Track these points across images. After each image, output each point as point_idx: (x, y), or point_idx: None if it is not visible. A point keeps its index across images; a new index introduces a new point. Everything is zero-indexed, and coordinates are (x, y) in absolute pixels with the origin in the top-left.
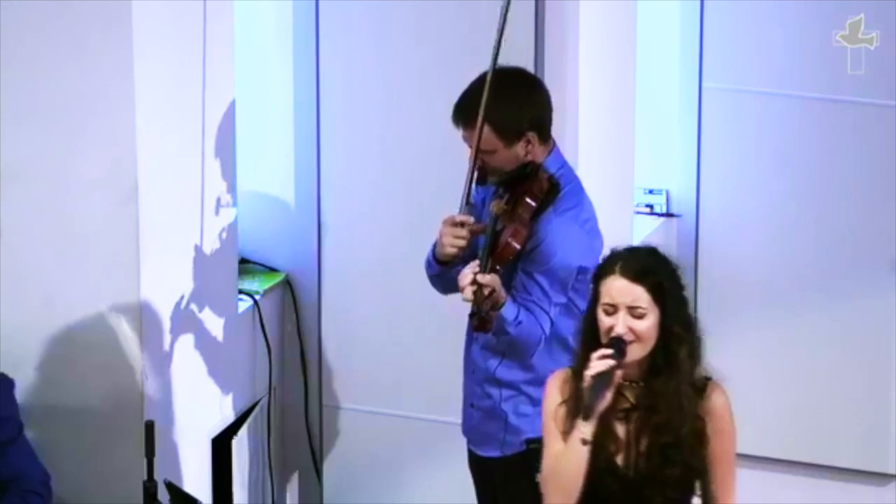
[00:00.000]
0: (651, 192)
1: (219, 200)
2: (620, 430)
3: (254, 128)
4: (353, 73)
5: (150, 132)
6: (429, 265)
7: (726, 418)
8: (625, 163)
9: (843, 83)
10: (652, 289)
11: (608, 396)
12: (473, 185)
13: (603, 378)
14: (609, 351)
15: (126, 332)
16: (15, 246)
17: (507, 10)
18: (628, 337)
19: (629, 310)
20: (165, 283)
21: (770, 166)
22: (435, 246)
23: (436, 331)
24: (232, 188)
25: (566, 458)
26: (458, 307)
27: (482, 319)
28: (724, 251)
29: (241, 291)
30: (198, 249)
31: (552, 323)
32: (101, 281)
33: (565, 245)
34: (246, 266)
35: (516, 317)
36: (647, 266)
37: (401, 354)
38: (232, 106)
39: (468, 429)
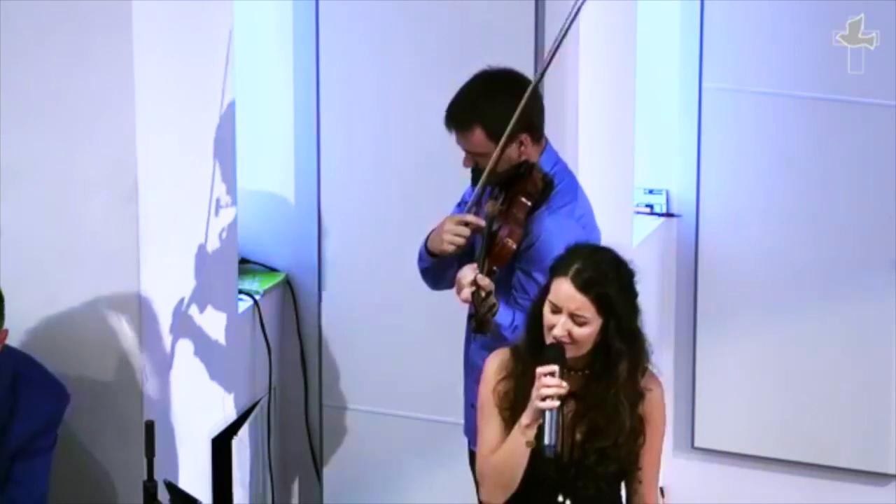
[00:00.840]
0: (651, 192)
1: (219, 200)
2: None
3: (254, 128)
4: (353, 74)
5: (150, 132)
6: (421, 258)
7: (660, 412)
8: (625, 163)
9: (843, 83)
10: (598, 300)
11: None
12: (478, 188)
13: (557, 399)
14: (553, 368)
15: (126, 332)
16: (15, 246)
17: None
18: (565, 339)
19: (571, 316)
20: (165, 283)
21: (770, 166)
22: (427, 239)
23: (436, 331)
24: (232, 188)
25: (508, 456)
26: (457, 307)
27: (480, 321)
28: (724, 251)
29: (241, 291)
30: (198, 249)
31: None
32: (101, 281)
33: (561, 241)
34: (246, 266)
35: (512, 321)
36: (598, 276)
37: (401, 354)
38: (232, 106)
39: (469, 429)
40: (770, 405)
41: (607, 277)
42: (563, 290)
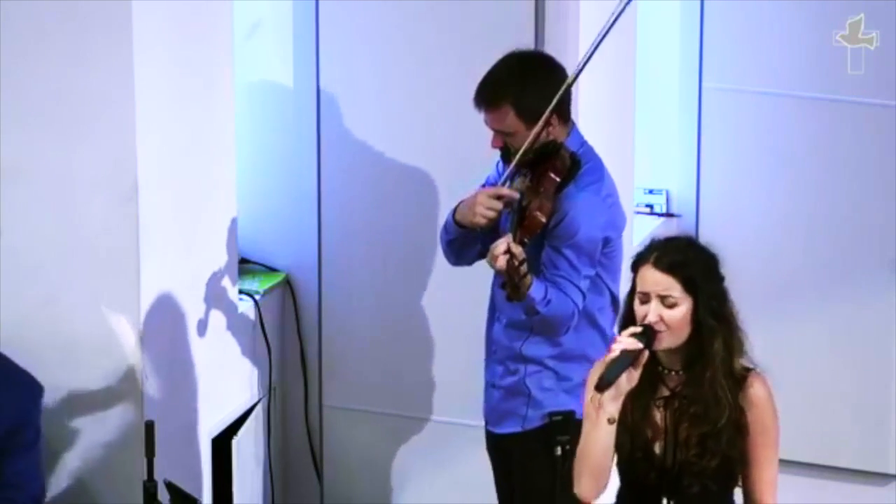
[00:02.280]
0: (651, 192)
1: (219, 200)
2: (658, 417)
3: (254, 128)
4: (353, 74)
5: (150, 132)
6: (445, 230)
7: (765, 410)
8: (625, 163)
9: (843, 83)
10: (683, 279)
11: (635, 377)
12: (501, 166)
13: (626, 356)
14: (638, 329)
15: (126, 332)
16: (15, 246)
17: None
18: (659, 326)
19: (660, 299)
20: (165, 283)
21: (770, 166)
22: (455, 211)
23: (436, 331)
24: (232, 188)
25: (593, 438)
26: (457, 307)
27: (515, 286)
28: (724, 251)
29: (241, 291)
30: (198, 249)
31: (584, 296)
32: (101, 281)
33: (589, 218)
34: (246, 266)
35: (545, 296)
36: (681, 257)
37: (401, 354)
38: (232, 106)
39: (488, 409)
40: None
41: (688, 257)
42: (648, 276)
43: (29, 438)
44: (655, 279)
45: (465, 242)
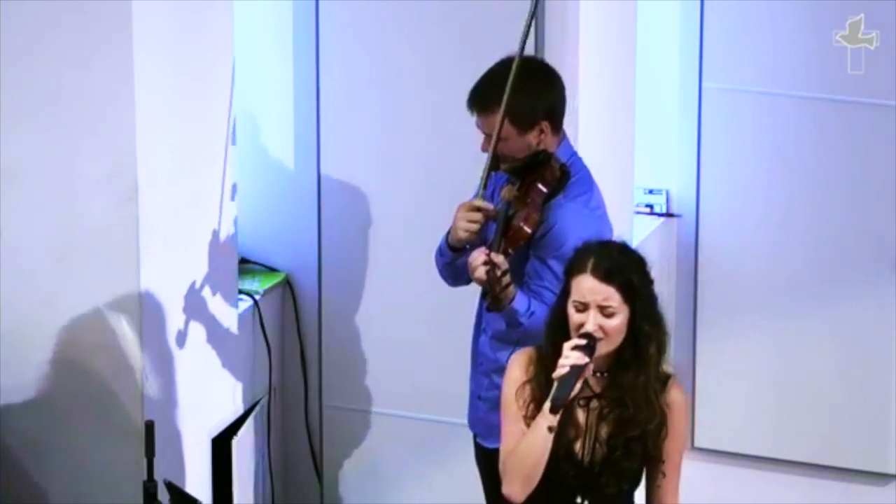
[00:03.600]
0: (651, 192)
1: (219, 200)
2: (580, 416)
3: (254, 127)
4: (353, 74)
5: (150, 132)
6: (440, 253)
7: (681, 414)
8: (625, 163)
9: (843, 83)
10: (622, 288)
11: (577, 388)
12: (486, 165)
13: (575, 371)
14: (582, 342)
15: (126, 332)
16: (15, 246)
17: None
18: (598, 334)
19: (600, 308)
20: (165, 283)
21: (770, 166)
22: (448, 234)
23: (436, 330)
24: (232, 188)
25: (530, 444)
26: (457, 307)
27: (496, 297)
28: (724, 251)
29: (241, 291)
30: (198, 249)
31: None
32: (101, 281)
33: (577, 229)
34: (246, 266)
35: (528, 308)
36: (618, 265)
37: (401, 354)
38: (232, 106)
39: (475, 421)
40: (770, 405)
41: (625, 265)
42: (586, 285)
43: None
44: (593, 288)
45: (459, 265)
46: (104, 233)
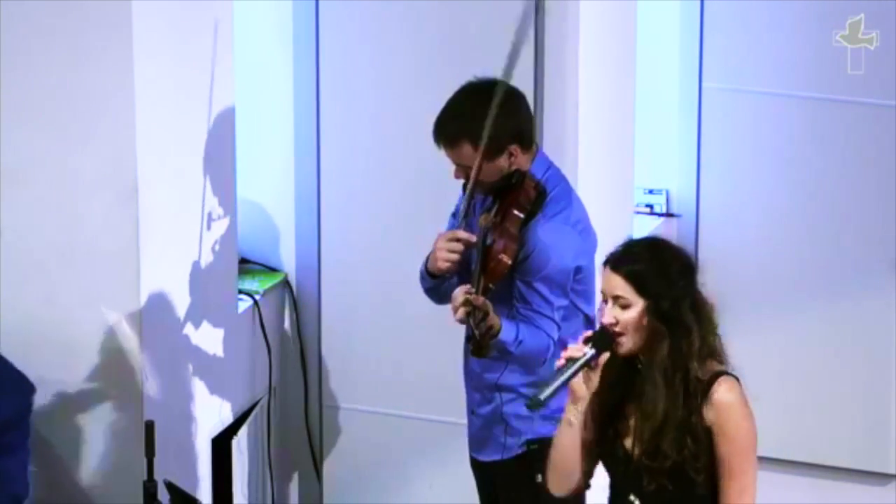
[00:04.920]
0: (651, 192)
1: (219, 200)
2: (631, 412)
3: (254, 128)
4: (353, 74)
5: (150, 132)
6: (422, 278)
7: (729, 415)
8: (625, 163)
9: (843, 83)
10: (634, 281)
11: (594, 381)
12: (464, 200)
13: (570, 365)
14: (589, 332)
15: (126, 332)
16: (15, 246)
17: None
18: (614, 327)
19: (614, 299)
20: (165, 283)
21: (770, 166)
22: (427, 259)
23: (436, 331)
24: (232, 188)
25: (557, 440)
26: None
27: (478, 344)
28: (724, 251)
29: (241, 291)
30: (198, 249)
31: (559, 327)
32: (101, 281)
33: (558, 249)
34: (246, 266)
35: (516, 337)
36: (630, 255)
37: (401, 354)
38: (232, 106)
39: (469, 436)
40: (770, 405)
41: (640, 257)
42: (605, 277)
43: (18, 438)
44: (609, 280)
45: (441, 289)
46: (104, 233)
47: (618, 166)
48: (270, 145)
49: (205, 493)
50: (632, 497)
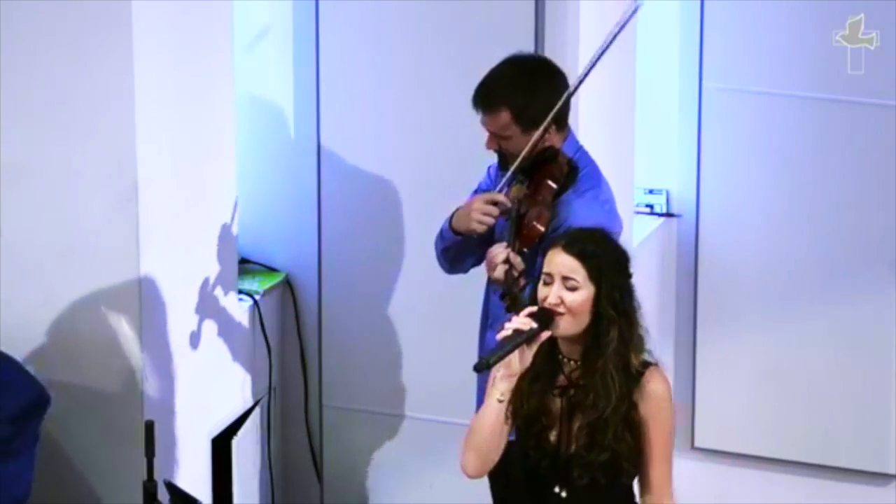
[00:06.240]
0: (651, 192)
1: (219, 200)
2: (555, 406)
3: (254, 128)
4: (353, 74)
5: (150, 132)
6: (441, 237)
7: (661, 404)
8: (625, 163)
9: (843, 83)
10: (589, 266)
11: (528, 356)
12: (493, 172)
13: (518, 335)
14: (534, 308)
15: (126, 332)
16: (15, 245)
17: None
18: (558, 308)
19: (563, 280)
20: (165, 283)
21: (770, 166)
22: (451, 218)
23: (436, 331)
24: (232, 188)
25: (481, 416)
26: (457, 307)
27: (514, 297)
28: (724, 251)
29: (241, 291)
30: (198, 249)
31: None
32: (101, 281)
33: (588, 224)
34: (246, 266)
35: None
36: (590, 243)
37: (401, 354)
38: (232, 106)
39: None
40: (770, 405)
41: (598, 245)
42: (556, 259)
43: (25, 444)
44: (562, 261)
45: (460, 251)
46: (104, 233)
47: (618, 166)
48: (270, 145)
49: (205, 493)
50: (557, 489)
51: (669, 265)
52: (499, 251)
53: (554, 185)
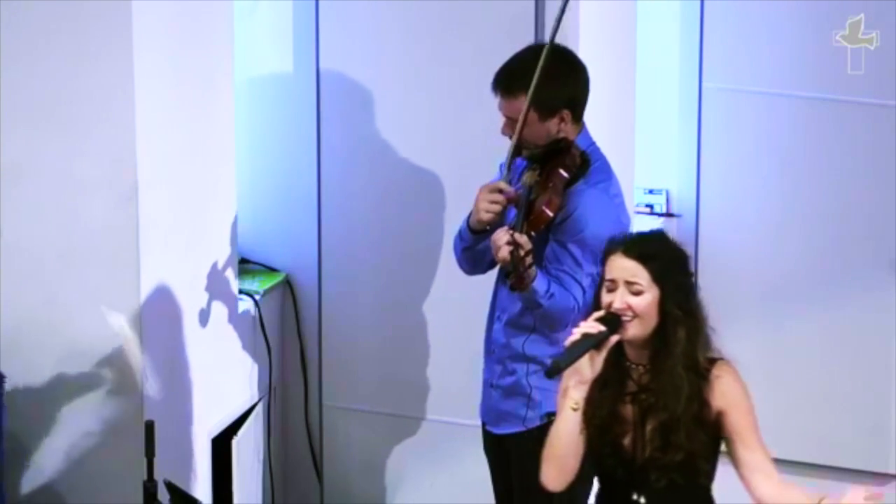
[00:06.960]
0: (651, 192)
1: (219, 200)
2: (627, 412)
3: (253, 127)
4: (353, 73)
5: (150, 132)
6: (460, 238)
7: (736, 394)
8: (625, 163)
9: (843, 83)
10: (651, 268)
11: (598, 362)
12: (510, 157)
13: (588, 339)
14: (601, 313)
15: (126, 332)
16: (15, 246)
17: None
18: (625, 313)
19: (627, 286)
20: (165, 283)
21: (770, 166)
22: (469, 217)
23: (436, 330)
24: (232, 188)
25: (557, 427)
26: (457, 307)
27: (520, 276)
28: (724, 251)
29: (241, 291)
30: (198, 249)
31: (585, 292)
32: (101, 281)
33: (597, 215)
34: (246, 266)
35: (548, 289)
36: (651, 248)
37: (401, 354)
38: (232, 106)
39: (486, 409)
40: (770, 405)
41: (658, 248)
42: (617, 264)
43: None
44: (624, 266)
45: (479, 250)
46: (104, 233)
47: (618, 166)
48: (270, 145)
49: (205, 493)
50: (635, 496)
51: None
52: (500, 234)
53: (566, 175)
